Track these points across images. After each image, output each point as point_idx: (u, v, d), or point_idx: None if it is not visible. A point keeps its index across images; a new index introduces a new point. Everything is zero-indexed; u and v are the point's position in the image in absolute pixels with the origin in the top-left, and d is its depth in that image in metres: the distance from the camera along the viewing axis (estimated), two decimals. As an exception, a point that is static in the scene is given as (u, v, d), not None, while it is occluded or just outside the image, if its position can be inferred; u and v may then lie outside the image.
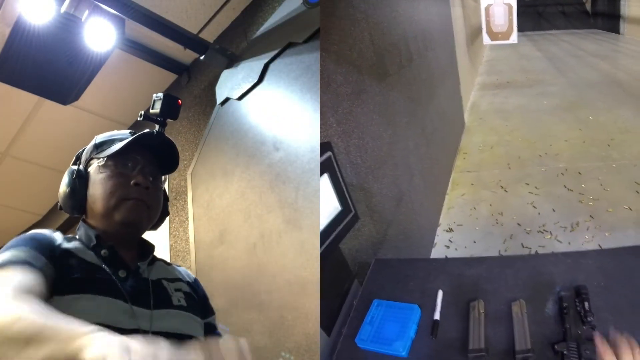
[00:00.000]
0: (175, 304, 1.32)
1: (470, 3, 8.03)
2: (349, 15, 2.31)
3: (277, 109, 2.64)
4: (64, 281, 1.15)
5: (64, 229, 4.74)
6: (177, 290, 1.37)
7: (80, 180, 1.36)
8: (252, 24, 3.11)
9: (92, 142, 1.43)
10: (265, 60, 2.78)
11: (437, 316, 1.64)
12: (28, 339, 0.87)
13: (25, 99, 3.65)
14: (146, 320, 1.21)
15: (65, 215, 4.83)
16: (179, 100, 1.55)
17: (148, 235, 1.43)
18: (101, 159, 1.36)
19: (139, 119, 1.52)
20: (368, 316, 1.68)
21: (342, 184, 1.57)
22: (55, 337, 0.86)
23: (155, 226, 1.45)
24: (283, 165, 2.47)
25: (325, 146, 1.54)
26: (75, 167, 1.39)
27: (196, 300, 1.41)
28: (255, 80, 2.82)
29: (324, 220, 1.49)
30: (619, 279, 1.58)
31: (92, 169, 1.37)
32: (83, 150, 1.45)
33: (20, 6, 2.81)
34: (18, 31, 2.98)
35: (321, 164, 1.48)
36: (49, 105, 3.75)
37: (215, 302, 1.51)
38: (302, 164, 2.35)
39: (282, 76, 2.67)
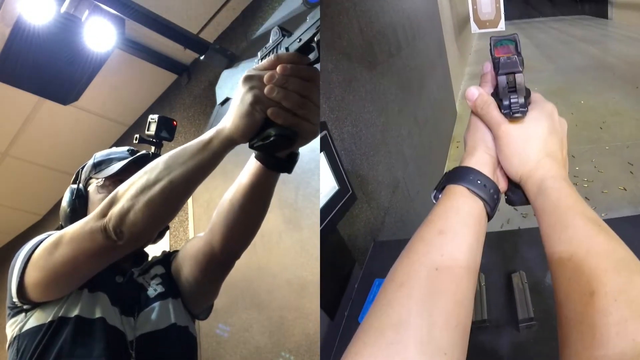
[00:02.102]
0: (152, 295, 1.35)
1: (457, -7, 8.07)
2: (336, 3, 2.32)
3: None
4: None
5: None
6: (154, 277, 1.40)
7: (80, 200, 1.39)
8: (252, 24, 3.10)
9: (91, 161, 1.47)
10: None
11: (438, 292, 1.65)
12: (168, 166, 1.00)
13: (25, 99, 3.65)
14: (131, 330, 1.25)
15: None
16: (174, 122, 1.58)
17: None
18: (100, 180, 1.40)
19: (135, 142, 1.56)
20: (370, 295, 1.70)
21: (339, 162, 1.58)
22: (188, 150, 1.02)
23: (155, 240, 1.47)
24: None
25: (320, 126, 1.56)
26: (75, 186, 1.42)
27: (170, 272, 1.44)
28: None
29: (323, 199, 1.50)
30: None
31: (91, 188, 1.41)
32: (82, 167, 1.48)
33: (20, 6, 2.80)
34: (18, 31, 2.97)
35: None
36: (49, 105, 3.74)
37: (215, 302, 1.53)
38: (302, 164, 2.29)
39: None
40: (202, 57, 3.15)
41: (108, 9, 2.82)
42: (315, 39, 0.89)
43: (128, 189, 1.03)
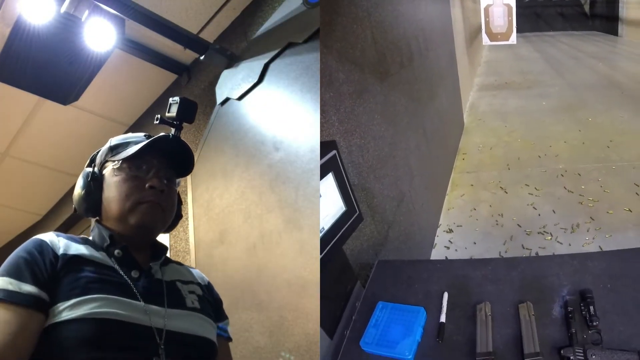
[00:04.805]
0: (189, 305, 1.32)
1: (470, 4, 8.02)
2: (351, 12, 2.28)
3: (277, 109, 2.62)
4: (73, 285, 1.14)
5: (64, 229, 4.73)
6: (190, 292, 1.38)
7: (95, 183, 1.36)
8: (252, 24, 3.08)
9: (107, 145, 1.44)
10: (265, 60, 2.77)
11: (443, 319, 1.62)
12: None
13: (25, 99, 3.64)
14: (160, 318, 1.21)
15: (66, 215, 4.82)
16: (196, 104, 1.56)
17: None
18: (116, 162, 1.36)
19: (155, 122, 1.53)
20: (372, 319, 1.66)
21: (347, 183, 1.54)
22: None
23: (168, 229, 1.45)
24: (283, 166, 2.46)
25: (330, 145, 1.51)
26: (90, 169, 1.39)
27: (210, 303, 1.42)
28: (255, 80, 2.81)
29: (329, 220, 1.47)
30: (626, 281, 1.56)
31: (107, 171, 1.37)
32: (97, 152, 1.46)
33: (20, 6, 2.80)
34: (18, 31, 2.98)
35: (326, 162, 1.45)
36: (49, 105, 3.73)
37: None
38: (302, 164, 2.34)
39: (282, 76, 2.65)
40: (202, 57, 3.13)
41: (108, 9, 2.80)
42: None
43: None
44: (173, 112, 1.51)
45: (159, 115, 1.52)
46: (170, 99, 1.54)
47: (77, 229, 4.67)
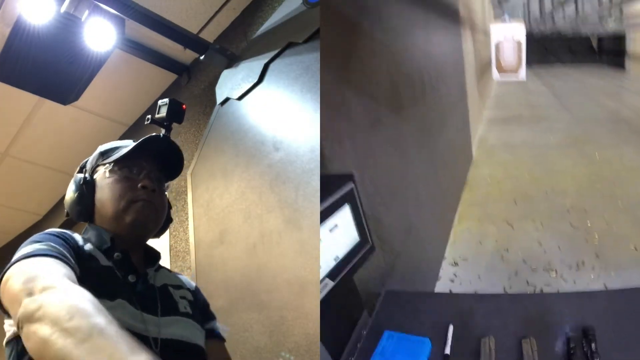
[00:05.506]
0: (182, 310, 1.34)
1: (481, 37, 8.11)
2: (367, 45, 2.34)
3: (277, 109, 2.65)
4: (83, 283, 1.12)
5: (64, 229, 4.73)
6: (182, 297, 1.39)
7: (87, 187, 1.38)
8: (252, 24, 3.11)
9: (97, 151, 1.47)
10: (265, 60, 2.79)
11: (447, 351, 1.64)
12: (83, 339, 0.84)
13: (25, 99, 3.66)
14: (154, 327, 1.22)
15: (65, 216, 4.82)
16: (184, 105, 1.61)
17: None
18: (107, 164, 1.39)
19: (146, 122, 1.58)
20: (379, 347, 1.67)
21: (362, 215, 1.58)
22: (110, 349, 0.83)
23: (158, 233, 1.47)
24: (283, 165, 2.48)
25: (347, 177, 1.56)
26: (81, 175, 1.42)
27: (198, 308, 1.44)
28: (255, 80, 2.83)
29: (343, 250, 1.51)
30: (630, 319, 1.57)
31: (99, 175, 1.40)
32: (87, 160, 1.48)
33: (20, 6, 2.82)
34: (18, 31, 2.99)
35: (344, 195, 1.50)
36: (49, 105, 3.75)
37: (215, 302, 1.53)
38: (302, 164, 2.36)
39: (282, 76, 2.67)
40: (202, 57, 3.15)
41: (108, 9, 2.82)
42: None
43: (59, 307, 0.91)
44: (163, 113, 1.55)
45: (149, 116, 1.57)
46: (160, 101, 1.58)
47: (76, 229, 4.64)
